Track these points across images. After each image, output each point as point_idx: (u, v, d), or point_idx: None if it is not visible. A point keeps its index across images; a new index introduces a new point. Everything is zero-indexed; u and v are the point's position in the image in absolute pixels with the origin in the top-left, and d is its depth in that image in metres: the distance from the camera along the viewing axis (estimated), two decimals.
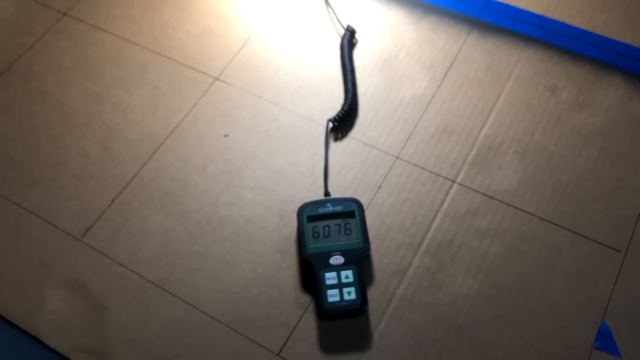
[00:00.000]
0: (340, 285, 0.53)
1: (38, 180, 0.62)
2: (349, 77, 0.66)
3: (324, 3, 0.73)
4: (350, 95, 0.65)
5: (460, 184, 0.60)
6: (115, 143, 0.64)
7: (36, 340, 0.53)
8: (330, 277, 0.53)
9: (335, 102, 0.65)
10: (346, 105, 0.64)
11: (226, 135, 0.64)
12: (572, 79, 0.66)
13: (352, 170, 0.61)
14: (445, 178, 0.60)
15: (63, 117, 0.67)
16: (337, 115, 0.63)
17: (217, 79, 0.68)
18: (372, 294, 0.54)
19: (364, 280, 0.53)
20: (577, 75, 0.66)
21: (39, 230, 0.59)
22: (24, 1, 0.77)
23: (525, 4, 0.72)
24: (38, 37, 0.73)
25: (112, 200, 0.61)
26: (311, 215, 0.56)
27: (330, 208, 0.57)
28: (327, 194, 0.59)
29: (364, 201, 0.58)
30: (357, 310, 0.53)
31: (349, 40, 0.69)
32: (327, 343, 0.52)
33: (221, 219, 0.59)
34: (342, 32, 0.70)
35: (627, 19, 0.70)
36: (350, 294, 0.53)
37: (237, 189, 0.61)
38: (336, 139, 0.63)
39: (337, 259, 0.54)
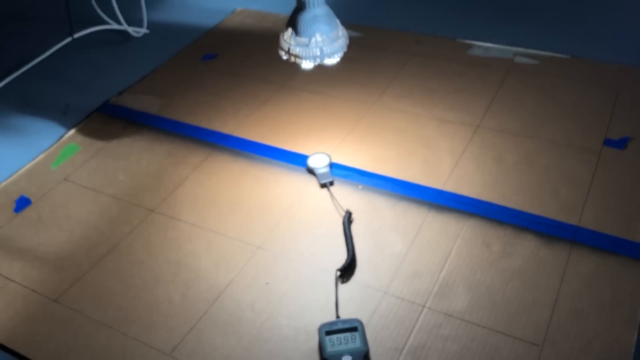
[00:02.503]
0: None
1: (138, 318, 0.90)
2: (349, 241, 0.97)
3: (329, 196, 1.08)
4: (350, 254, 0.95)
5: (428, 308, 0.88)
6: (191, 291, 0.94)
7: None
8: None
9: (340, 259, 0.96)
10: (348, 260, 0.94)
11: (267, 283, 0.94)
12: (500, 237, 0.97)
13: (355, 302, 0.90)
14: (418, 304, 0.88)
15: (153, 277, 0.97)
16: (342, 266, 0.94)
17: (259, 247, 1.00)
18: None
19: None
20: (503, 235, 0.98)
21: (140, 349, 0.86)
22: (124, 204, 1.12)
23: (466, 192, 1.06)
24: (134, 227, 1.07)
25: (190, 329, 0.88)
26: (328, 330, 0.83)
27: (340, 325, 0.84)
28: (337, 317, 0.87)
29: (364, 321, 0.85)
30: None
31: (348, 219, 1.02)
32: None
33: (266, 337, 0.86)
34: (343, 213, 1.03)
35: (534, 199, 1.04)
36: None
37: (275, 318, 0.88)
38: (342, 282, 0.93)
39: (347, 358, 0.80)
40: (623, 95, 1.24)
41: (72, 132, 1.31)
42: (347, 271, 0.94)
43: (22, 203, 1.14)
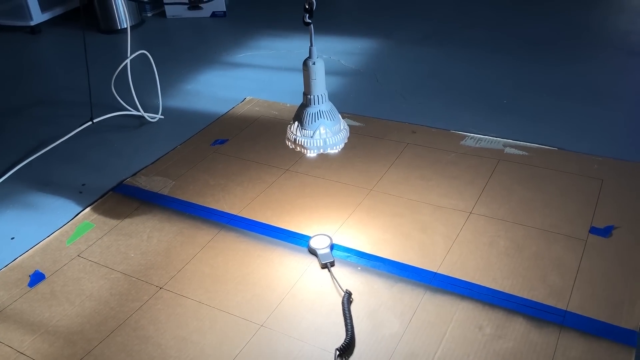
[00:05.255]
0: None
1: None
2: (348, 321, 1.02)
3: (330, 276, 1.14)
4: (349, 333, 1.00)
5: None
6: None
7: None
8: None
9: (339, 338, 1.00)
10: (347, 339, 0.99)
11: None
12: (492, 320, 1.02)
13: None
14: None
15: (160, 352, 1.01)
16: (341, 346, 0.98)
17: (262, 325, 1.04)
18: None
19: None
20: (495, 317, 1.02)
21: None
22: (134, 281, 1.17)
23: (459, 275, 1.12)
24: (143, 302, 1.12)
25: None
26: None
27: None
28: None
29: None
30: None
31: (347, 299, 1.07)
32: None
33: None
34: (343, 293, 1.08)
35: (524, 283, 1.09)
36: None
37: None
38: None
39: None
40: (607, 185, 1.33)
41: (87, 210, 1.39)
42: (346, 351, 0.98)
43: (37, 278, 1.19)
